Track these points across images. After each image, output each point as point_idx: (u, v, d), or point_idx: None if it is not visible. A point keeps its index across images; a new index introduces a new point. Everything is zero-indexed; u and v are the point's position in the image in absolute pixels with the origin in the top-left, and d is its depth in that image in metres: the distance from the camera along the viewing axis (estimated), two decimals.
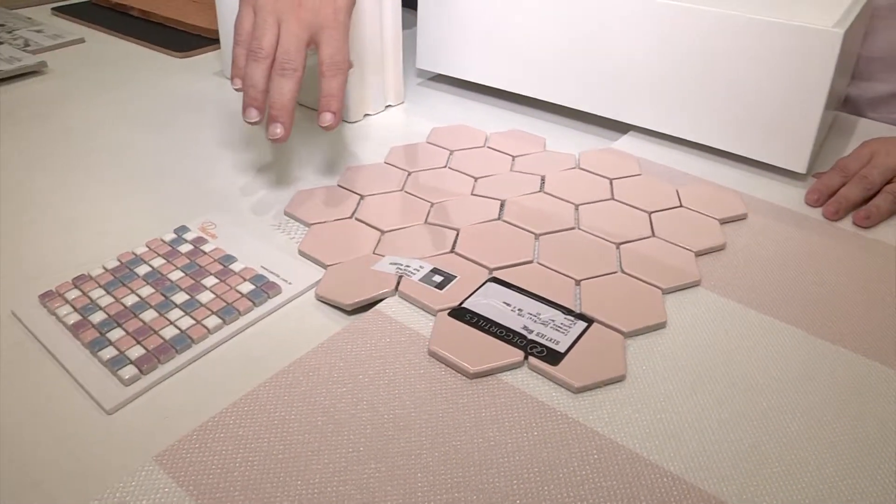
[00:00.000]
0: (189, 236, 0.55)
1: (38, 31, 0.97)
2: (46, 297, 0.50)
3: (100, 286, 0.50)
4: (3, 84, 0.83)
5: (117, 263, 0.53)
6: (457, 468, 0.38)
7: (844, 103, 0.83)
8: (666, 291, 0.52)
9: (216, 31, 0.93)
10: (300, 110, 0.77)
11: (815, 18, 0.61)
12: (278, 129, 0.56)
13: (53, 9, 1.08)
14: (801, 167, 0.65)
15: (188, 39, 0.95)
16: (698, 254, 0.56)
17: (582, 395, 0.43)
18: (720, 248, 0.57)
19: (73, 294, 0.50)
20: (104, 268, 0.52)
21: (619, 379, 0.44)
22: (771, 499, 0.38)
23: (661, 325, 0.49)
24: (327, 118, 0.57)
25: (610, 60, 0.70)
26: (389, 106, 0.78)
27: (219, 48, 0.91)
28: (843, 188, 0.61)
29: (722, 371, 0.46)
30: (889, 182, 0.61)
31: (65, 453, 0.39)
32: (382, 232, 0.56)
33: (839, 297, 0.52)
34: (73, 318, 0.48)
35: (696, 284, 0.53)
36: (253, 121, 0.56)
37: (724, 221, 0.60)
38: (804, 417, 0.42)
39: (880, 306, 0.51)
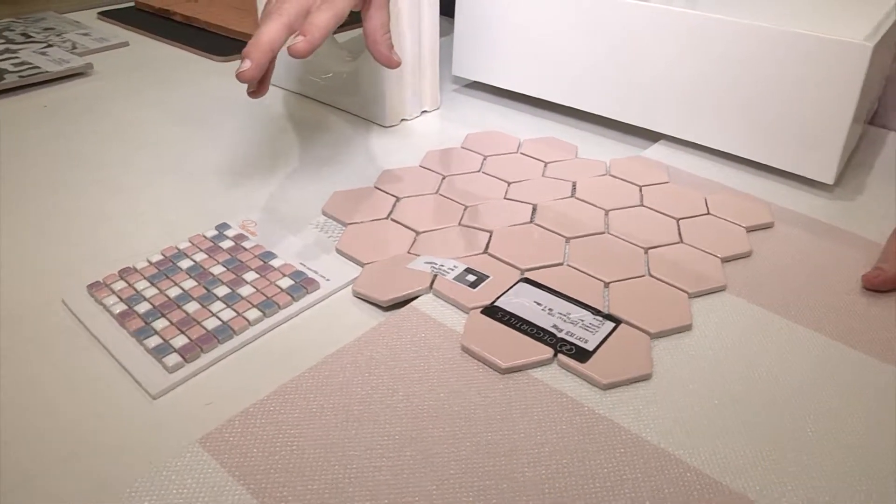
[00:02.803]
0: (230, 233, 0.57)
1: (85, 35, 1.01)
2: (94, 288, 0.52)
3: (145, 278, 0.53)
4: (53, 84, 0.86)
5: (161, 257, 0.55)
6: (488, 457, 0.40)
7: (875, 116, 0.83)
8: (692, 296, 0.53)
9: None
10: (340, 115, 0.79)
11: (846, 31, 0.62)
12: (246, 63, 0.51)
13: (100, 13, 1.11)
14: (829, 178, 0.66)
15: (229, 44, 0.97)
16: (724, 260, 0.57)
17: (609, 392, 0.45)
18: (746, 255, 0.58)
19: (120, 285, 0.52)
20: (148, 261, 0.54)
21: (646, 377, 0.46)
22: (790, 495, 0.39)
23: (686, 328, 0.50)
24: (297, 40, 0.51)
25: (641, 70, 0.71)
26: (425, 111, 0.80)
27: None
28: None
29: (745, 373, 0.47)
30: None
31: (111, 435, 0.41)
32: (417, 233, 0.58)
33: (864, 305, 0.53)
34: (120, 307, 0.50)
35: (721, 289, 0.54)
36: (243, 69, 0.52)
37: (750, 229, 0.61)
38: (824, 420, 0.43)
39: None
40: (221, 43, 0.98)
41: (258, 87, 0.56)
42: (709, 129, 0.70)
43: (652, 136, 0.75)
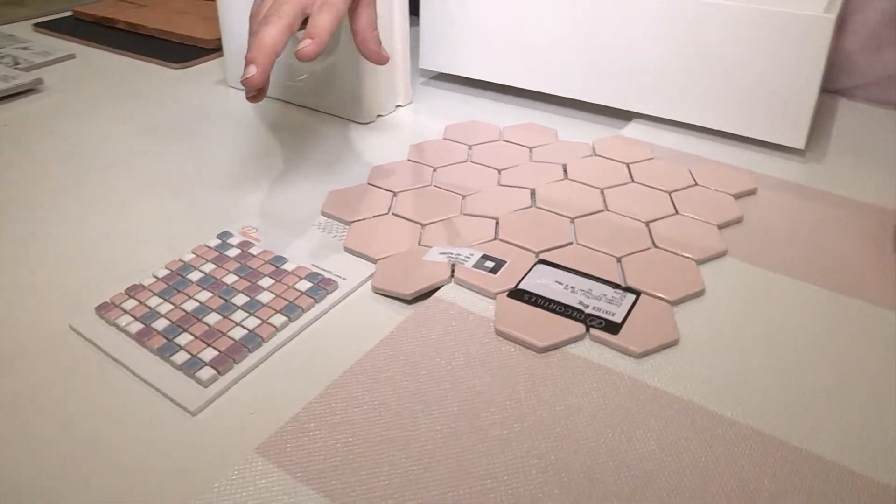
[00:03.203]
0: (233, 241, 0.57)
1: (25, 49, 0.97)
2: (103, 309, 0.50)
3: (155, 294, 0.51)
4: (1, 103, 0.82)
5: (167, 272, 0.54)
6: (545, 435, 0.41)
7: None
8: (699, 262, 0.55)
9: (213, 41, 0.94)
10: (315, 115, 0.78)
11: (805, 5, 0.65)
12: (251, 69, 0.51)
13: (35, 25, 1.07)
14: (800, 143, 0.69)
15: (183, 50, 0.95)
16: (720, 226, 0.59)
17: (643, 360, 0.46)
18: (738, 221, 0.60)
19: (131, 304, 0.50)
20: (155, 276, 0.53)
21: (674, 343, 0.47)
22: (822, 436, 0.41)
23: (700, 293, 0.52)
24: (305, 43, 0.52)
25: (612, 52, 0.73)
26: (399, 106, 0.80)
27: (218, 57, 0.92)
28: None
29: (763, 329, 0.49)
30: None
31: (156, 457, 0.40)
32: (423, 225, 0.58)
33: (856, 259, 0.56)
34: (136, 326, 0.49)
35: (723, 254, 0.56)
36: (249, 74, 0.52)
37: (737, 196, 0.63)
38: (842, 364, 0.46)
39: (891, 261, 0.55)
40: (174, 49, 0.96)
41: (259, 91, 0.55)
42: (682, 104, 0.73)
43: (624, 116, 0.77)
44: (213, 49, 0.94)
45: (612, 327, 0.48)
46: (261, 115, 0.79)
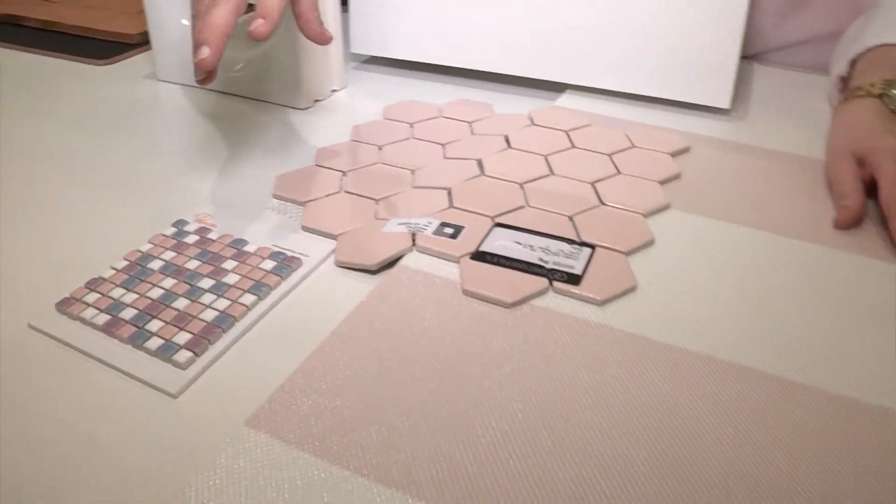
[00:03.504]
0: (190, 228, 0.56)
1: None
2: (65, 305, 0.50)
3: (117, 286, 0.51)
4: None
5: (126, 263, 0.53)
6: (525, 381, 0.43)
7: None
8: (646, 216, 0.58)
9: (137, 36, 0.92)
10: (253, 104, 0.78)
11: None
12: (204, 51, 0.51)
13: None
14: (725, 103, 0.73)
15: (105, 46, 0.93)
16: (661, 182, 0.62)
17: (605, 307, 0.49)
18: (677, 177, 0.64)
19: (93, 297, 0.50)
20: (114, 268, 0.53)
21: (632, 289, 0.50)
22: (771, 357, 0.45)
23: (650, 243, 0.55)
24: (258, 23, 0.52)
25: (541, 25, 0.75)
26: (335, 90, 0.80)
27: (144, 52, 0.91)
28: None
29: (710, 269, 0.53)
30: None
31: (144, 443, 0.40)
32: (376, 200, 0.59)
33: (787, 202, 0.61)
34: (103, 318, 0.48)
35: (667, 207, 0.59)
36: (202, 56, 0.51)
37: (673, 155, 0.67)
38: (786, 291, 0.51)
39: (821, 202, 0.60)
40: (95, 46, 0.94)
41: (209, 73, 0.55)
42: (613, 74, 0.76)
43: (557, 88, 0.80)
44: (137, 44, 0.93)
45: (574, 279, 0.50)
46: (198, 108, 0.78)
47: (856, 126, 0.63)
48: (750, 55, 0.90)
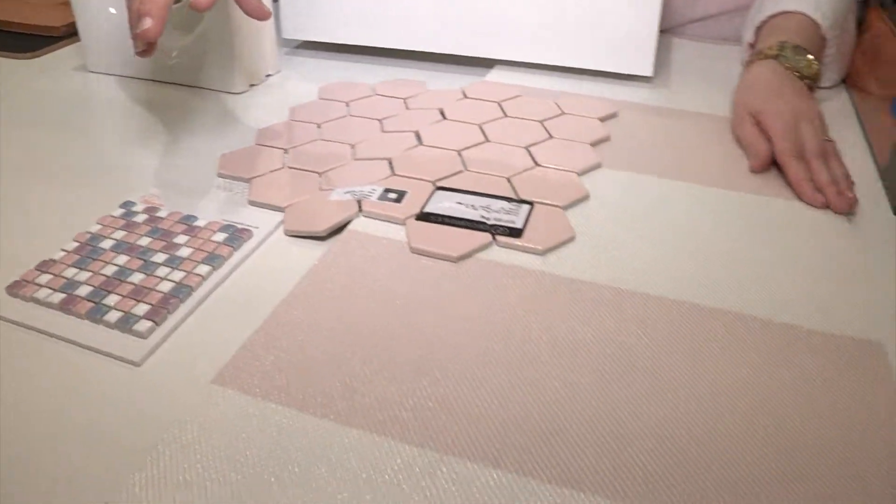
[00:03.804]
0: (138, 209, 0.57)
1: None
2: (16, 287, 0.50)
3: (69, 266, 0.51)
4: None
5: (76, 244, 0.54)
6: (475, 326, 0.45)
7: None
8: (579, 174, 0.61)
9: (62, 28, 0.91)
10: (190, 91, 0.79)
11: None
12: (146, 22, 0.52)
13: None
14: (648, 71, 0.78)
15: (28, 40, 0.91)
16: (591, 144, 0.65)
17: (547, 256, 0.52)
18: (606, 139, 0.67)
19: (45, 278, 0.50)
20: (64, 250, 0.53)
21: (571, 239, 0.53)
22: (703, 290, 0.49)
23: (585, 197, 0.58)
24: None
25: (466, 2, 0.78)
26: (269, 75, 0.82)
27: (70, 44, 0.90)
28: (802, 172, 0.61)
29: (642, 219, 0.56)
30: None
31: (114, 411, 0.41)
32: (319, 173, 0.61)
33: (711, 156, 0.65)
34: (58, 297, 0.49)
35: (598, 166, 0.63)
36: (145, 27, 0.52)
37: (602, 119, 0.70)
38: (707, 238, 0.55)
39: (735, 155, 0.65)
40: (17, 40, 0.92)
41: (150, 45, 0.55)
42: (540, 48, 0.79)
43: (487, 64, 0.83)
44: (62, 36, 0.92)
45: (515, 232, 0.53)
46: (134, 97, 0.78)
47: (753, 86, 0.69)
48: (669, 29, 0.95)
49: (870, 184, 0.62)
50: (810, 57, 0.70)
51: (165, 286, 0.49)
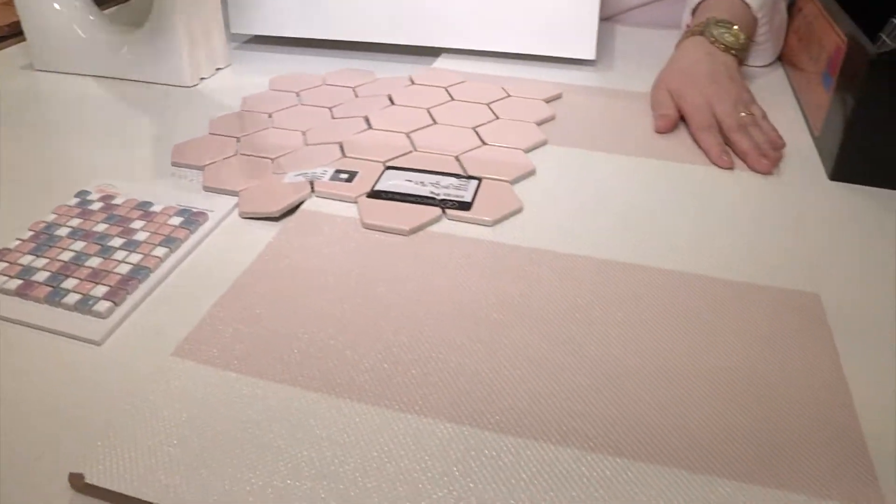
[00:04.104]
0: (93, 197, 0.58)
1: None
2: None
3: (25, 253, 0.52)
4: None
5: (32, 232, 0.54)
6: (431, 294, 0.47)
7: None
8: (526, 151, 0.63)
9: (3, 28, 0.91)
10: (140, 86, 0.79)
11: None
12: None
13: None
14: (590, 55, 0.80)
15: None
16: (537, 123, 0.68)
17: (496, 227, 0.54)
18: (552, 119, 0.70)
19: (1, 266, 0.51)
20: (20, 239, 0.53)
21: (519, 210, 0.55)
22: (646, 251, 0.52)
23: (532, 173, 0.60)
24: None
25: None
26: (219, 69, 0.82)
27: (15, 44, 0.90)
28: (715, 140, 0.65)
29: (587, 190, 0.59)
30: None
31: (76, 389, 0.42)
32: (272, 159, 0.62)
33: (645, 132, 0.68)
34: (14, 283, 0.49)
35: (545, 143, 0.65)
36: None
37: (547, 101, 0.73)
38: (658, 201, 0.58)
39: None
40: None
41: None
42: (485, 35, 0.81)
43: (433, 53, 0.85)
44: (6, 35, 0.91)
45: (464, 206, 0.55)
46: (84, 93, 0.78)
47: (677, 63, 0.74)
48: (614, 17, 0.98)
49: (807, 153, 0.66)
50: (735, 27, 0.74)
51: (123, 268, 0.50)
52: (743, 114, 0.66)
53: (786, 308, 0.46)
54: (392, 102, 0.72)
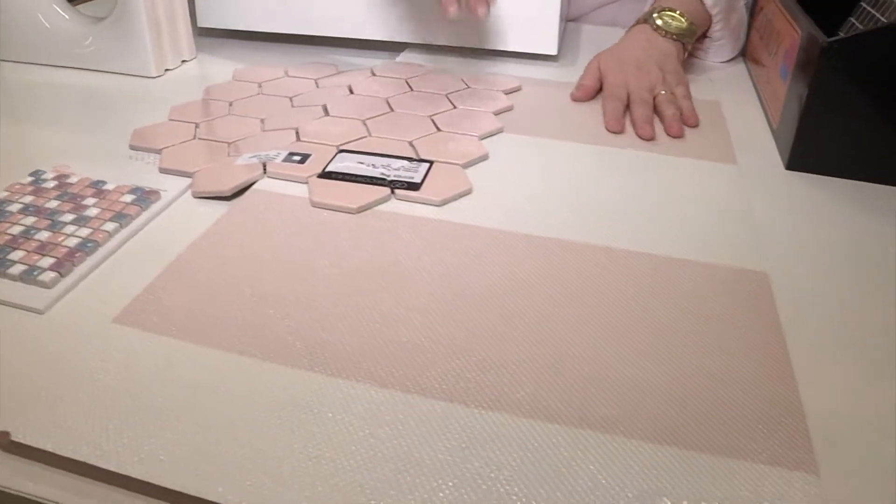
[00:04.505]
0: (48, 176, 0.58)
1: None
2: None
3: None
4: None
5: None
6: (373, 268, 0.48)
7: None
8: (481, 138, 0.64)
9: None
10: (105, 76, 0.80)
11: None
12: None
13: None
14: (552, 50, 0.82)
15: None
16: (495, 113, 0.69)
17: (445, 207, 0.55)
18: (510, 109, 0.71)
19: None
20: None
21: (469, 191, 0.56)
22: (598, 234, 0.53)
23: (485, 157, 0.61)
24: None
25: None
26: (185, 61, 0.83)
27: None
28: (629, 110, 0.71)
29: (538, 174, 0.60)
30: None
31: (18, 357, 0.42)
32: (229, 143, 0.63)
33: (597, 120, 0.69)
34: None
35: (500, 131, 0.66)
36: None
37: (506, 92, 0.74)
38: (596, 182, 0.59)
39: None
40: None
41: None
42: (449, 30, 0.82)
43: (396, 48, 0.86)
44: None
45: (413, 186, 0.55)
46: (45, 82, 0.79)
47: (618, 44, 0.78)
48: (581, 17, 1.00)
49: (765, 145, 0.67)
50: (677, 13, 0.77)
51: (72, 241, 0.50)
52: (663, 92, 0.71)
53: (734, 285, 0.47)
54: (351, 92, 0.73)
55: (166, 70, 0.81)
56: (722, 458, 0.35)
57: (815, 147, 0.62)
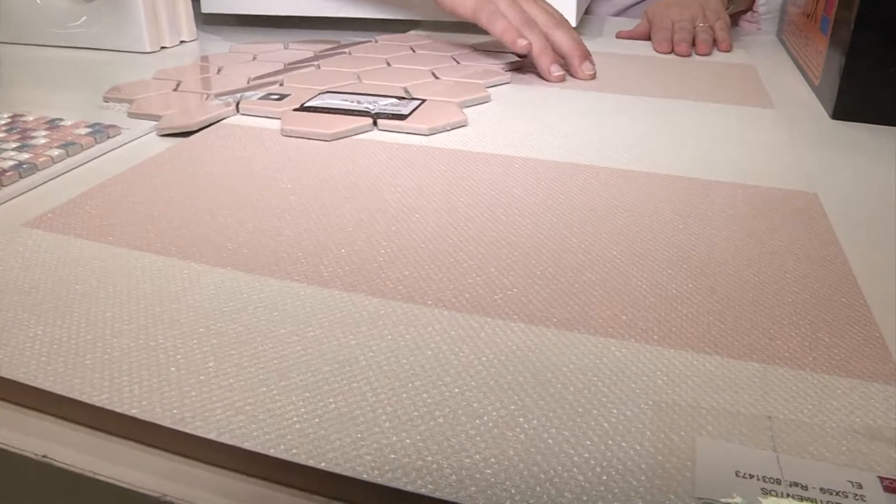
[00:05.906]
0: (3, 115, 0.53)
1: None
2: None
3: None
4: None
5: None
6: (344, 190, 0.41)
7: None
8: (485, 85, 0.58)
9: None
10: (97, 53, 0.76)
11: None
12: None
13: None
14: (571, 20, 0.75)
15: None
16: (503, 68, 0.63)
17: (434, 137, 0.48)
18: (520, 68, 0.64)
19: None
20: None
21: (463, 124, 0.49)
22: (578, 155, 0.46)
23: (486, 99, 0.55)
24: None
25: None
26: (184, 41, 0.79)
27: None
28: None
29: (534, 119, 0.53)
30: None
31: None
32: (208, 94, 0.58)
33: (620, 73, 0.62)
34: None
35: (508, 82, 0.60)
36: None
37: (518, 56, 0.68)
38: (588, 124, 0.51)
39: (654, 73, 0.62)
40: None
41: None
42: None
43: (405, 29, 0.81)
44: None
45: (400, 117, 0.49)
46: (42, 61, 0.75)
47: None
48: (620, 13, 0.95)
49: (807, 99, 0.60)
50: None
51: (8, 163, 0.45)
52: (702, 24, 0.75)
53: (784, 203, 0.39)
54: (350, 54, 0.67)
55: (162, 47, 0.77)
56: (777, 367, 0.27)
57: (861, 94, 0.55)
